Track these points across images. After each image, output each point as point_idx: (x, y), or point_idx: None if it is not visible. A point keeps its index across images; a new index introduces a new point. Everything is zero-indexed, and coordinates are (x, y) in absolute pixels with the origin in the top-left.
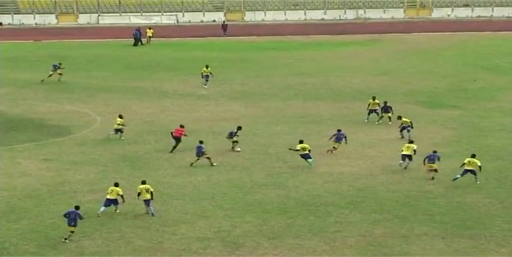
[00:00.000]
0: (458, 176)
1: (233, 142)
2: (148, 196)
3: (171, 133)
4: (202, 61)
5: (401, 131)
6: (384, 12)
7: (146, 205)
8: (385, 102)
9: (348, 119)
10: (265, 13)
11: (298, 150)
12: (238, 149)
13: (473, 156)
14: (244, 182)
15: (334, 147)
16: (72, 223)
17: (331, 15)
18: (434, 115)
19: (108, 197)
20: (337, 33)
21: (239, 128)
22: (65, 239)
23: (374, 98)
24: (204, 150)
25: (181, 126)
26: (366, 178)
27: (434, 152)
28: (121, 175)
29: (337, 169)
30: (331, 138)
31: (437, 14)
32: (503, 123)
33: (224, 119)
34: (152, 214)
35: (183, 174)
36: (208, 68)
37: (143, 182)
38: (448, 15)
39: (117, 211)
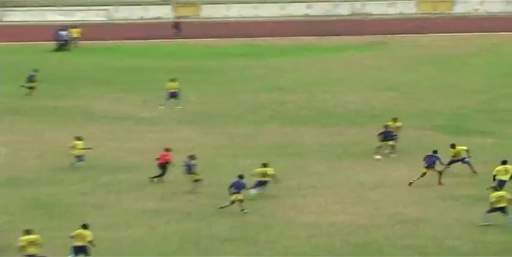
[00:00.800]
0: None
1: (196, 180)
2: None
3: (156, 159)
4: (143, 72)
5: (450, 163)
6: (390, 6)
7: None
8: (386, 126)
9: (341, 150)
10: (229, 7)
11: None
12: (200, 190)
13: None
14: (201, 237)
15: (423, 173)
16: None
17: (318, 9)
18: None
19: (75, 244)
20: (326, 34)
21: (192, 157)
22: None
23: (395, 120)
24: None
25: (167, 149)
26: (367, 231)
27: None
28: (33, 225)
29: (328, 217)
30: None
31: (462, 8)
32: None
33: (175, 150)
34: None
35: (117, 225)
36: (176, 82)
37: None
38: (477, 9)
39: None
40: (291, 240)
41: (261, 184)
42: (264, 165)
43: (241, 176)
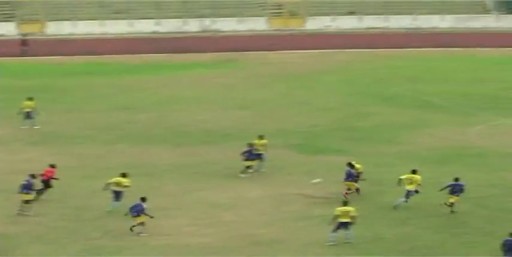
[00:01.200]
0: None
1: (27, 201)
2: None
3: (40, 174)
4: None
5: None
6: (241, 23)
7: None
8: (250, 144)
9: (193, 170)
10: (74, 24)
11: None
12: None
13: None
14: None
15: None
16: None
17: (167, 26)
18: (312, 163)
19: None
20: (176, 51)
21: (32, 176)
22: None
23: (261, 138)
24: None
25: (52, 166)
26: (221, 253)
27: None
28: None
29: (182, 239)
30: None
31: (313, 24)
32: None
33: (20, 172)
34: None
35: None
36: (33, 101)
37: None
38: (328, 26)
39: None
40: None
41: (116, 194)
42: (123, 175)
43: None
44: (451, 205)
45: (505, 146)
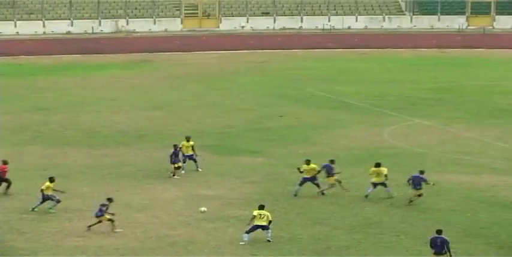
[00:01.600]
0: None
1: None
2: None
3: None
4: None
5: (302, 183)
6: (155, 23)
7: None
8: (175, 146)
9: (107, 171)
10: None
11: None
12: None
13: (378, 165)
14: None
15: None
16: None
17: (81, 26)
18: (227, 164)
19: None
20: (90, 52)
21: None
22: None
23: (188, 139)
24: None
25: (4, 162)
26: (136, 254)
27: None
28: None
29: (95, 241)
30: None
31: (228, 25)
32: (321, 175)
33: None
34: None
35: None
36: None
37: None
38: (242, 26)
39: None
40: None
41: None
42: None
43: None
44: (417, 196)
45: (418, 146)
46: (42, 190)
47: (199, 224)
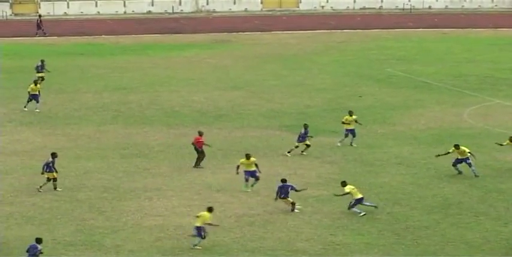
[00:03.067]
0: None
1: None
2: None
3: None
4: None
5: (454, 165)
6: (235, 3)
7: None
8: (305, 126)
9: (187, 151)
10: (68, 4)
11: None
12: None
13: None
14: (44, 242)
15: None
16: None
17: (161, 6)
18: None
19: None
20: (170, 32)
21: (54, 155)
22: None
23: (351, 114)
24: None
25: (199, 133)
26: (215, 233)
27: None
28: None
29: (174, 220)
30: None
31: (307, 5)
32: (400, 155)
33: (13, 153)
34: None
35: None
36: (38, 85)
37: None
38: (322, 6)
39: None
40: (137, 244)
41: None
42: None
43: None
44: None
45: (498, 126)
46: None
47: (278, 205)
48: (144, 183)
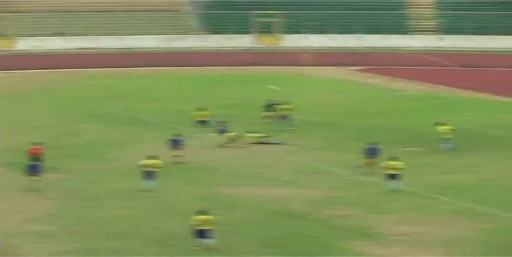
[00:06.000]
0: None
1: None
2: None
3: None
4: None
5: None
6: None
7: None
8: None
9: None
10: None
11: None
12: None
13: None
14: None
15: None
16: None
17: None
18: (18, 182)
19: None
20: None
21: None
22: None
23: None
24: None
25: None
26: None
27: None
28: None
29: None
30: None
31: (23, 45)
32: (119, 189)
33: None
34: None
35: None
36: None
37: None
38: (36, 46)
39: None
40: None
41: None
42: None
43: None
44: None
45: (211, 160)
46: None
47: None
48: None
